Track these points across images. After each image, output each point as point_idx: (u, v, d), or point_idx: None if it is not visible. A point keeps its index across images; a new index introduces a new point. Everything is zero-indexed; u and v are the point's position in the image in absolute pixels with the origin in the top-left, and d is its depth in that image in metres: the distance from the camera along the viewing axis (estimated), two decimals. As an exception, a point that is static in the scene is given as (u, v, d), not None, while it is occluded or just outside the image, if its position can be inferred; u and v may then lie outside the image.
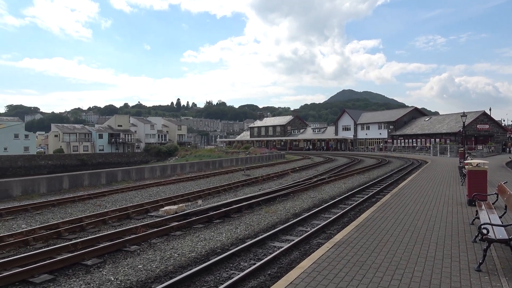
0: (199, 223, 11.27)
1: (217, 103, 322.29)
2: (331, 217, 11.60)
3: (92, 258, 7.94)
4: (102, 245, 8.58)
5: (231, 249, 8.41)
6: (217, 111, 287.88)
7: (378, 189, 17.56)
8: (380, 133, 69.53)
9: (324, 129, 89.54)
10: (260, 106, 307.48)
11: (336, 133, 78.89)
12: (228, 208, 12.87)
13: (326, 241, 8.33)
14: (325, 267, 5.84)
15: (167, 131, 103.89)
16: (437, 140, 54.12)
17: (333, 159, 45.35)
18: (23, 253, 8.35)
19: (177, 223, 10.78)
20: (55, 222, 11.41)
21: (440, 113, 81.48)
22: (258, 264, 7.21)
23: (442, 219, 9.21)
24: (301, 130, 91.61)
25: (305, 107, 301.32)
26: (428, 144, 55.75)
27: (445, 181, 17.53)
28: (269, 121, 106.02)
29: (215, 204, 13.91)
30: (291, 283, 5.20)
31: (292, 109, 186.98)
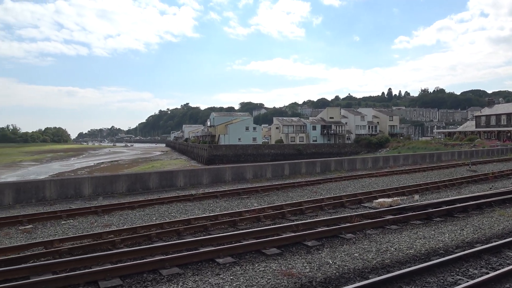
0: (417, 219, 10.56)
1: (434, 90, 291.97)
2: None
3: (312, 240, 8.59)
4: (320, 229, 9.19)
5: (456, 252, 7.54)
6: (434, 99, 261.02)
7: None
8: None
9: None
10: (489, 91, 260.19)
11: None
12: (450, 207, 11.57)
13: None
14: None
15: (378, 122, 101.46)
16: None
17: None
18: (256, 227, 9.80)
19: (392, 217, 10.45)
20: (280, 203, 12.91)
21: None
22: (492, 274, 6.22)
23: None
24: (550, 118, 73.08)
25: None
26: None
27: None
28: (501, 108, 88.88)
29: (435, 200, 12.75)
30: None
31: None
